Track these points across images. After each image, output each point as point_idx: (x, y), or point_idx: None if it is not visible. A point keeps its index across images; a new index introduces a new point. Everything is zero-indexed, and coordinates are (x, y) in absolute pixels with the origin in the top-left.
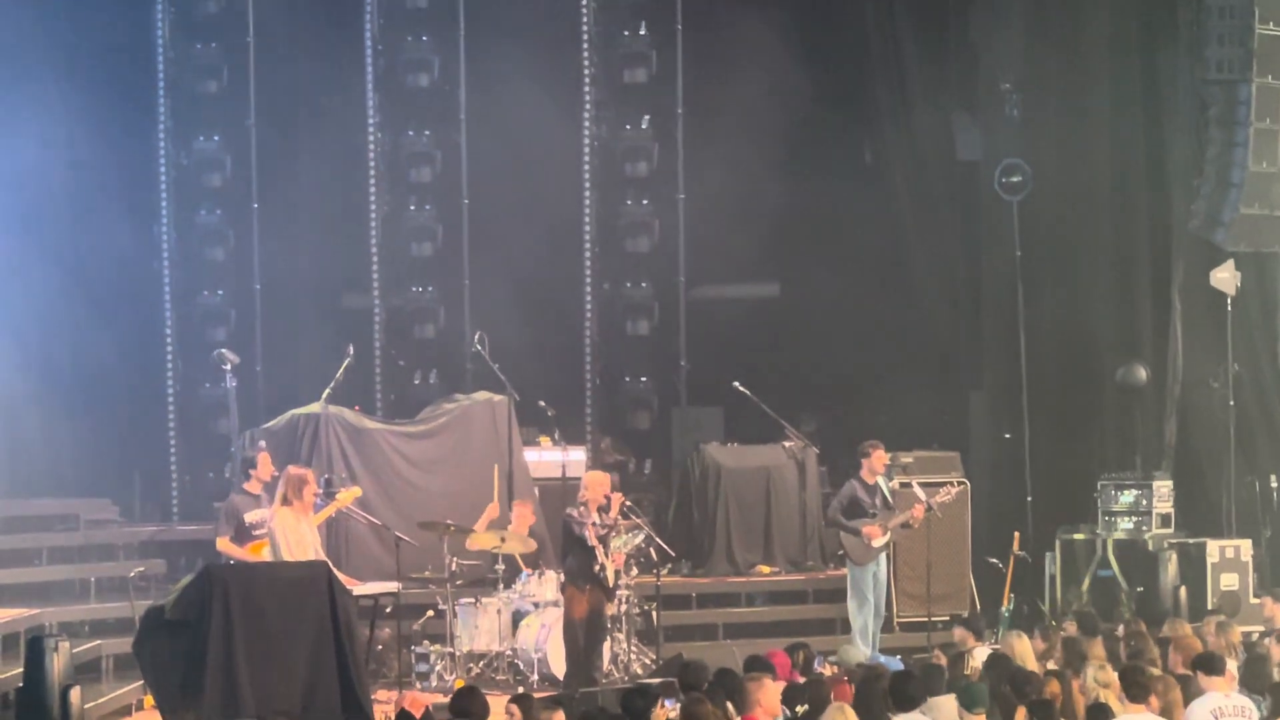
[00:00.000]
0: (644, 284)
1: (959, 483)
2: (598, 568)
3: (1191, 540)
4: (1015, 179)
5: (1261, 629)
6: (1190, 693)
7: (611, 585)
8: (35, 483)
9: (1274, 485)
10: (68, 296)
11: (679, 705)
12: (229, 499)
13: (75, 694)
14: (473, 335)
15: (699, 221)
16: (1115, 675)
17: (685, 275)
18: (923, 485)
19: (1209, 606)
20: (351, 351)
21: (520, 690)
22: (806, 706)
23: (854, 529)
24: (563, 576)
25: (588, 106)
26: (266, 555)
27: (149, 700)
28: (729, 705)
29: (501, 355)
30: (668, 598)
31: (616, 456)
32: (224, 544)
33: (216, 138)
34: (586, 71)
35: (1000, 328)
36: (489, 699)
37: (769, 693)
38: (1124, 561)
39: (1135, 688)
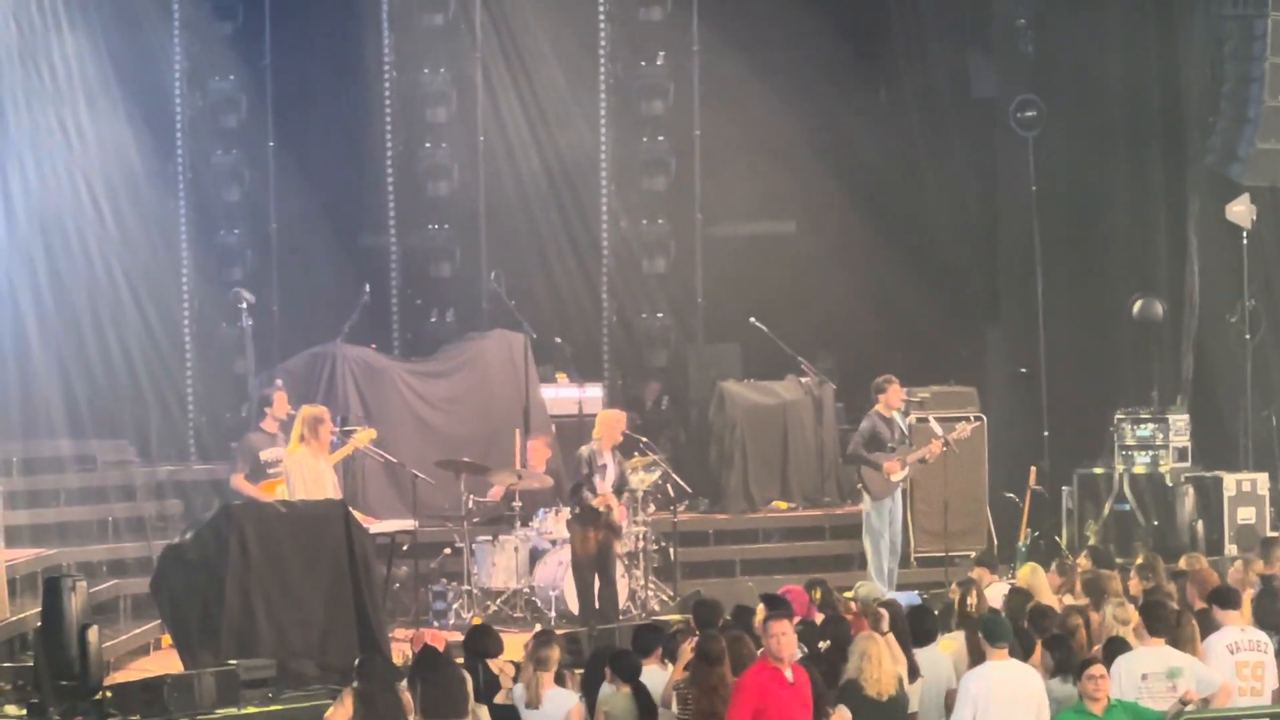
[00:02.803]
0: (660, 221)
1: (975, 418)
2: (603, 510)
3: (1208, 474)
4: (1030, 114)
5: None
6: (1206, 626)
7: (618, 523)
8: (53, 424)
9: None
10: (82, 237)
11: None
12: (246, 437)
13: (93, 634)
14: (489, 274)
15: (715, 159)
16: (1133, 610)
17: (702, 212)
18: (939, 421)
19: (1226, 540)
20: (368, 290)
21: (538, 627)
22: (829, 643)
23: (875, 462)
24: (569, 515)
25: (603, 44)
26: (280, 494)
27: (166, 640)
28: (748, 640)
29: (518, 293)
30: (685, 534)
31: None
32: (238, 480)
33: (232, 78)
34: (602, 9)
35: (1016, 263)
36: (507, 637)
37: (784, 639)
38: (1141, 496)
39: (1156, 622)
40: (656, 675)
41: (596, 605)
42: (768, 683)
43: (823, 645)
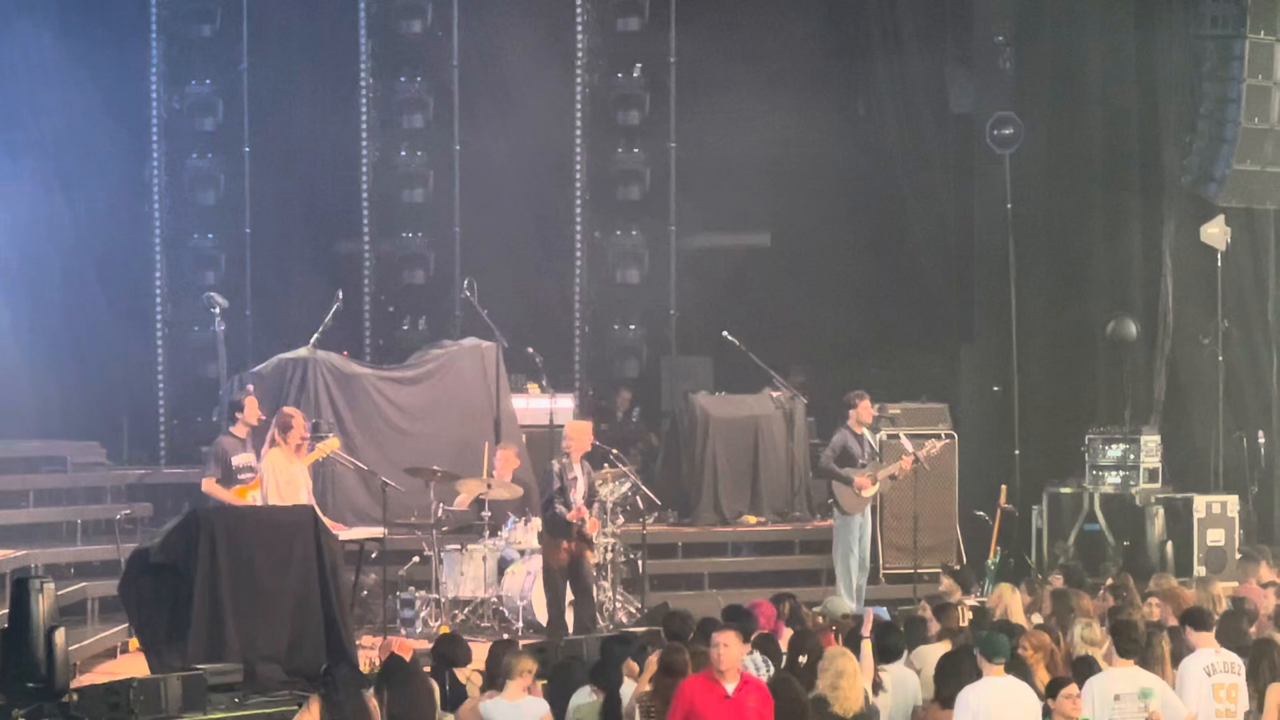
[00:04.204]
0: (634, 232)
1: (947, 435)
2: (576, 522)
3: (1179, 495)
4: (1007, 132)
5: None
6: (1177, 647)
7: (590, 535)
8: (23, 425)
9: (1261, 441)
10: (57, 238)
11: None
12: (217, 441)
13: (60, 635)
14: (462, 282)
15: (690, 170)
16: (1101, 631)
17: (676, 224)
18: (910, 437)
19: (1195, 561)
20: (341, 297)
21: (505, 637)
22: (806, 657)
23: (846, 478)
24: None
25: (580, 54)
26: (251, 499)
27: (134, 643)
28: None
29: (491, 302)
30: (654, 546)
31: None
32: (209, 485)
33: (209, 82)
34: (579, 19)
35: (991, 281)
36: (473, 646)
37: (723, 650)
38: (1111, 516)
39: (1126, 643)
40: (624, 686)
41: (567, 619)
42: (701, 692)
43: (802, 659)
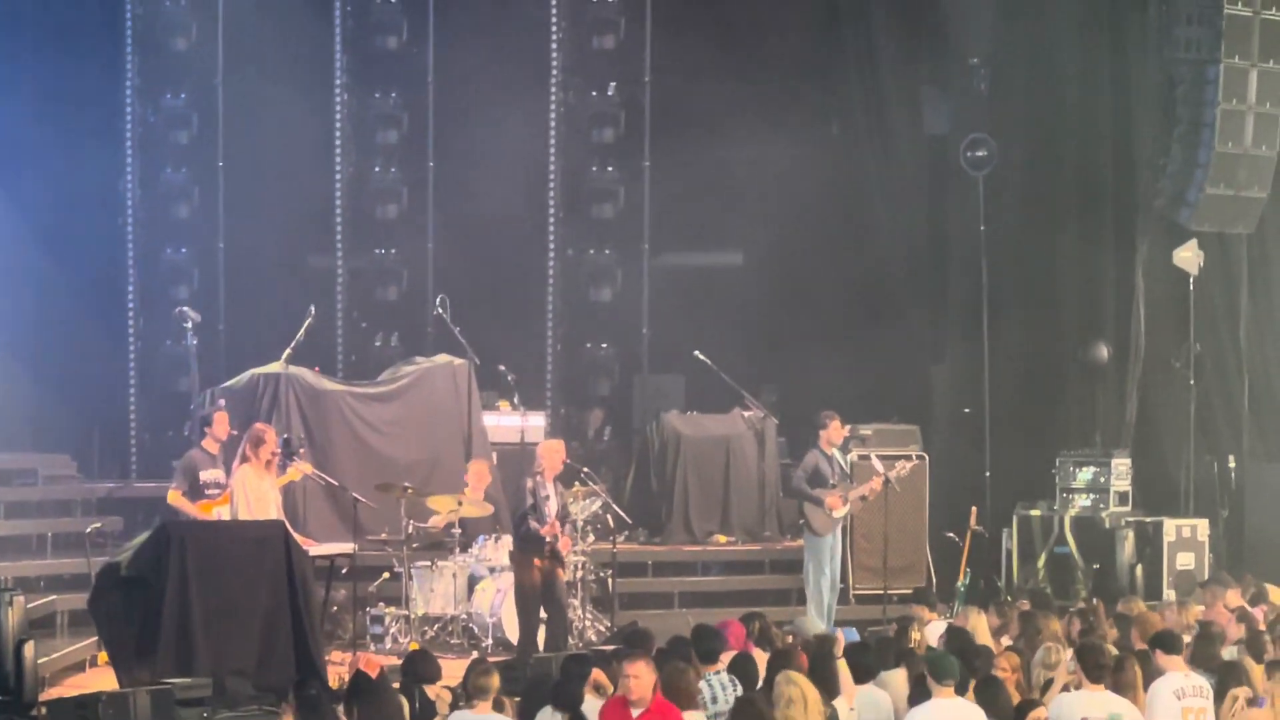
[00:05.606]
0: (607, 250)
1: (917, 456)
2: (549, 538)
3: (1149, 519)
4: (981, 154)
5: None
6: (1146, 670)
7: (562, 553)
8: None
9: (1232, 466)
10: (31, 251)
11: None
12: (188, 454)
13: (29, 649)
14: (435, 298)
15: (664, 189)
16: (1065, 656)
17: (649, 243)
18: (881, 458)
19: (1165, 585)
20: (313, 312)
21: (475, 655)
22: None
23: (816, 498)
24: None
25: (555, 72)
26: (216, 514)
27: (103, 656)
28: (689, 672)
29: (463, 319)
30: (624, 565)
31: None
32: (175, 497)
33: (184, 95)
34: (554, 37)
35: (963, 302)
36: (443, 663)
37: (634, 681)
38: (1081, 539)
39: (1093, 668)
40: (586, 704)
41: (538, 638)
42: (611, 716)
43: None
